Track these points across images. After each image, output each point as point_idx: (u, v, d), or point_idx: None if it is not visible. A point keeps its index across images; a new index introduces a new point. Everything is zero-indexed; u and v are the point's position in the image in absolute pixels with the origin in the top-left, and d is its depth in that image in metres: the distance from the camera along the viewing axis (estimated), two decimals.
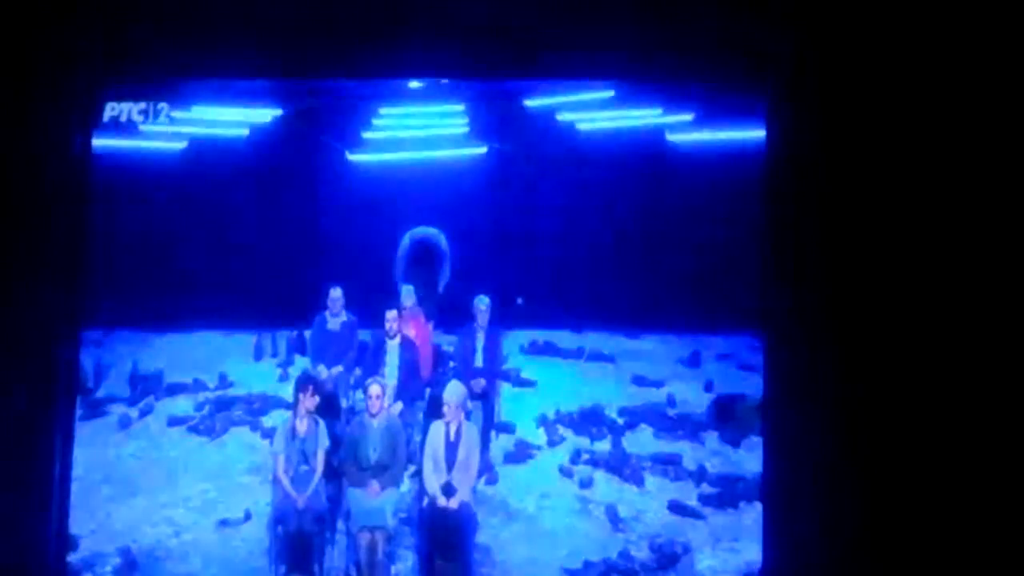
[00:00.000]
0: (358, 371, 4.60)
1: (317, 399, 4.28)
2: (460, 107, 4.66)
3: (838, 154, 4.19)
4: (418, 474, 4.36)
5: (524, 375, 4.62)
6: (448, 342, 4.59)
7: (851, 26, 4.21)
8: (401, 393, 4.52)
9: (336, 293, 4.57)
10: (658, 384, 4.47)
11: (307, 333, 4.56)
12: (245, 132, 4.68)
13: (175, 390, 4.57)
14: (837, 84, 4.23)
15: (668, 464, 4.39)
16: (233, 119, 4.67)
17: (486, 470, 4.46)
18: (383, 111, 4.70)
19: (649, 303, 4.40)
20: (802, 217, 4.17)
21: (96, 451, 4.44)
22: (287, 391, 4.49)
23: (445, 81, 4.64)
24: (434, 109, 4.67)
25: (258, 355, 4.72)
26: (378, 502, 4.18)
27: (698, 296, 4.37)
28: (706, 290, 4.39)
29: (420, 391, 4.60)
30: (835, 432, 4.05)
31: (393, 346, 4.58)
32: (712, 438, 4.30)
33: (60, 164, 4.38)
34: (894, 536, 4.04)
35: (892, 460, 4.04)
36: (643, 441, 4.39)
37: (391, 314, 4.55)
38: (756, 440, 4.26)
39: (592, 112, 4.57)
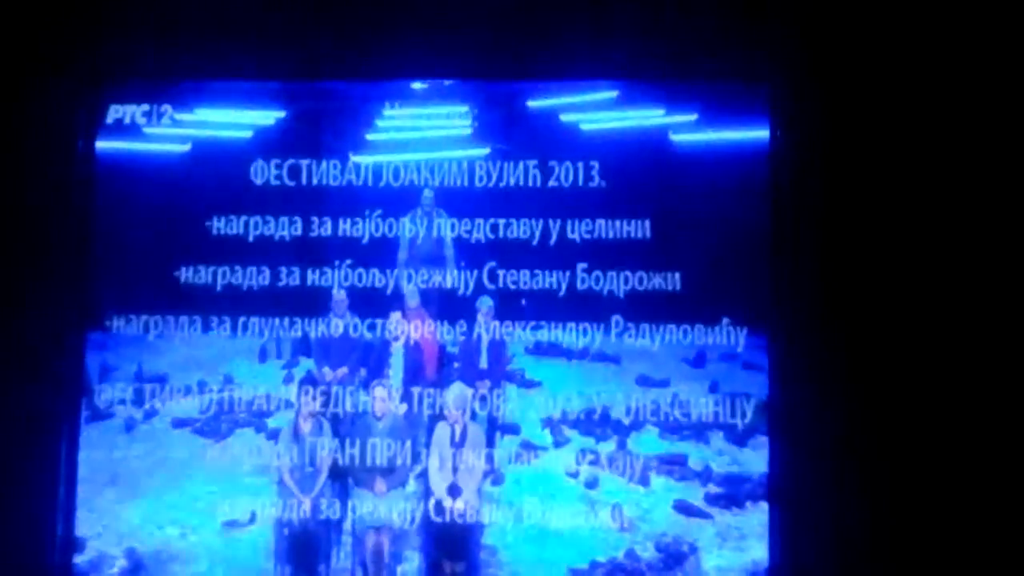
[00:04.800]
0: (363, 372, 4.61)
1: (320, 401, 4.31)
2: (463, 108, 4.65)
3: (842, 153, 4.21)
4: (423, 475, 4.39)
5: (529, 376, 4.62)
6: (452, 343, 4.59)
7: (855, 24, 4.23)
8: (406, 394, 4.53)
9: (340, 295, 4.57)
10: (663, 384, 4.46)
11: (312, 335, 4.55)
12: (249, 134, 4.68)
13: (180, 392, 4.56)
14: (841, 83, 4.25)
15: (674, 464, 4.39)
16: (237, 121, 4.66)
17: (491, 471, 4.47)
18: (386, 113, 4.69)
19: (653, 303, 4.39)
20: (806, 216, 4.19)
21: (102, 453, 4.43)
22: (292, 392, 4.50)
23: (448, 82, 4.64)
24: (437, 110, 4.66)
25: (263, 357, 4.72)
26: (384, 502, 4.19)
27: (703, 296, 4.37)
28: (711, 290, 4.38)
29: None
30: (841, 431, 4.07)
31: (397, 347, 4.60)
32: (718, 438, 4.30)
33: (64, 166, 4.39)
34: (902, 535, 4.06)
35: (899, 459, 4.06)
36: (648, 441, 4.39)
37: (395, 315, 4.58)
38: (762, 440, 4.27)
39: (596, 113, 4.56)
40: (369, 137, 4.69)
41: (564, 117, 4.62)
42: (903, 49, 4.30)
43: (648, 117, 4.57)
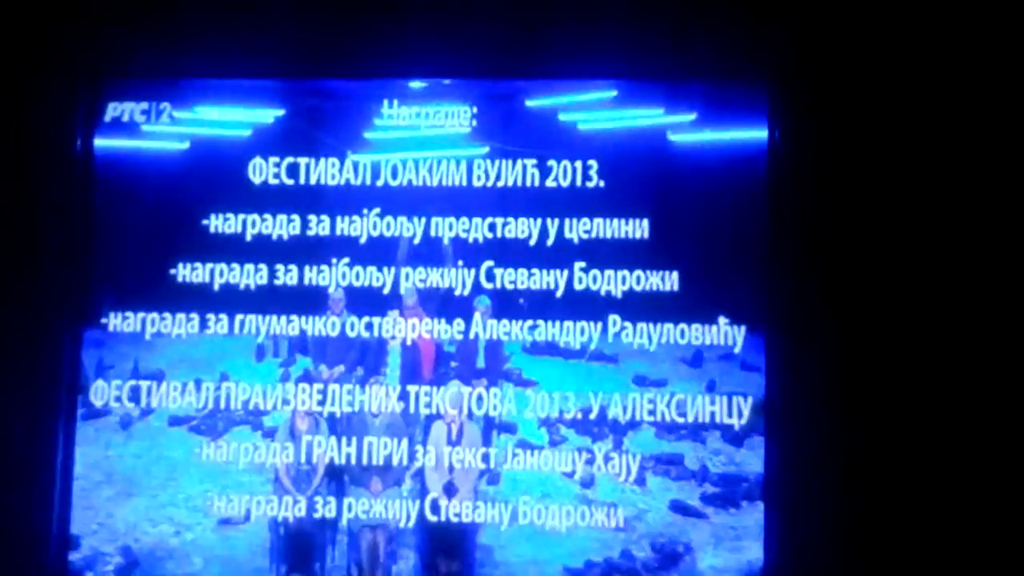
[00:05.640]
0: (360, 370, 4.60)
1: (317, 399, 4.33)
2: (462, 107, 4.64)
3: (841, 153, 4.21)
4: (419, 473, 4.39)
5: (526, 375, 4.61)
6: (450, 342, 4.58)
7: (855, 25, 4.23)
8: (403, 393, 4.53)
9: (338, 293, 4.58)
10: (660, 384, 4.45)
11: (309, 333, 4.55)
12: (247, 132, 4.68)
13: (176, 390, 4.56)
14: (840, 83, 4.25)
15: (670, 464, 4.39)
16: (235, 119, 4.67)
17: (487, 470, 4.46)
18: (385, 111, 4.69)
19: (651, 302, 4.39)
20: (805, 216, 4.19)
21: (97, 451, 4.43)
22: (289, 390, 4.50)
23: (447, 81, 4.65)
24: (436, 109, 4.66)
25: (260, 355, 4.71)
26: (380, 501, 4.19)
27: (701, 296, 4.36)
28: (709, 290, 4.38)
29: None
30: (839, 432, 4.06)
31: (394, 346, 4.60)
32: (715, 438, 4.29)
33: (61, 164, 4.40)
34: (897, 536, 4.05)
35: (895, 460, 4.05)
36: (645, 441, 4.38)
37: (392, 314, 4.58)
38: (759, 440, 4.27)
39: (594, 112, 4.56)
40: (367, 136, 4.69)
41: (562, 116, 4.62)
42: (903, 50, 4.30)
43: (647, 117, 4.57)
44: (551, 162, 4.56)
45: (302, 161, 4.63)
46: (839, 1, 4.31)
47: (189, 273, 4.54)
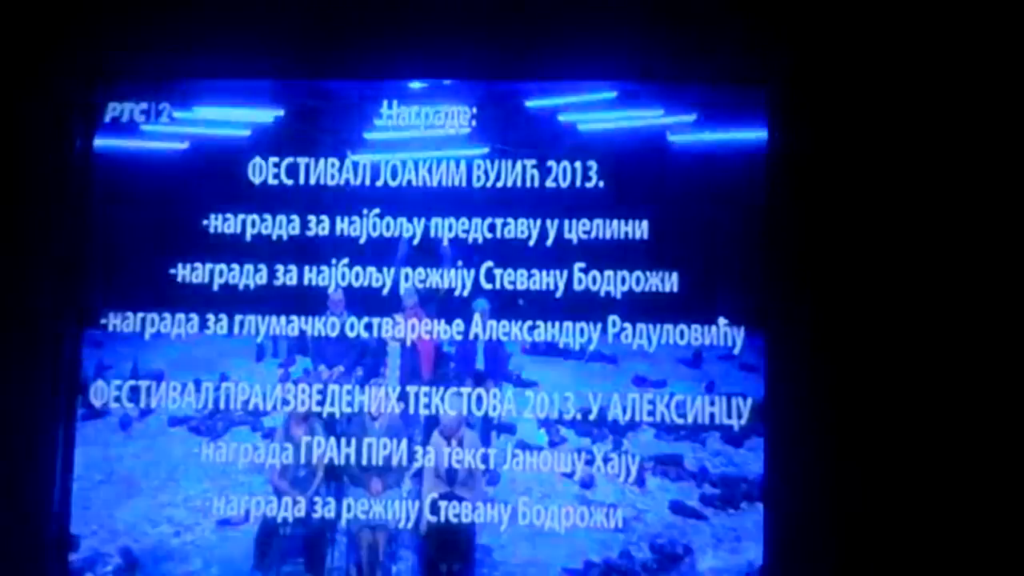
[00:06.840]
0: (359, 371, 4.61)
1: (316, 400, 4.32)
2: (462, 108, 4.64)
3: (840, 154, 4.21)
4: (419, 474, 4.39)
5: (525, 376, 4.62)
6: (449, 343, 4.58)
7: (854, 27, 4.23)
8: (402, 394, 4.54)
9: (337, 295, 4.57)
10: (659, 385, 4.46)
11: (309, 334, 4.55)
12: (247, 132, 4.67)
13: (176, 390, 4.56)
14: (839, 85, 4.25)
15: (669, 465, 4.39)
16: (235, 119, 4.66)
17: (487, 470, 4.46)
18: (384, 112, 4.69)
19: (651, 303, 4.39)
20: (804, 217, 4.19)
21: (97, 451, 4.43)
22: (288, 391, 4.50)
23: (447, 82, 4.64)
24: (436, 110, 4.66)
25: (259, 356, 4.71)
26: (379, 502, 4.19)
27: (700, 296, 4.36)
28: (708, 290, 4.38)
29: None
30: (837, 433, 4.06)
31: (394, 347, 4.60)
32: (714, 439, 4.30)
33: (61, 164, 4.40)
34: (897, 538, 4.05)
35: (894, 461, 4.06)
36: (644, 442, 4.38)
37: (396, 316, 4.59)
38: (758, 441, 4.27)
39: (594, 113, 4.56)
40: (367, 136, 4.69)
41: (562, 117, 4.62)
42: (901, 51, 4.30)
43: (646, 117, 4.57)
44: (551, 163, 4.56)
45: (302, 161, 4.62)
46: (837, 3, 4.31)
47: (189, 273, 4.54)
